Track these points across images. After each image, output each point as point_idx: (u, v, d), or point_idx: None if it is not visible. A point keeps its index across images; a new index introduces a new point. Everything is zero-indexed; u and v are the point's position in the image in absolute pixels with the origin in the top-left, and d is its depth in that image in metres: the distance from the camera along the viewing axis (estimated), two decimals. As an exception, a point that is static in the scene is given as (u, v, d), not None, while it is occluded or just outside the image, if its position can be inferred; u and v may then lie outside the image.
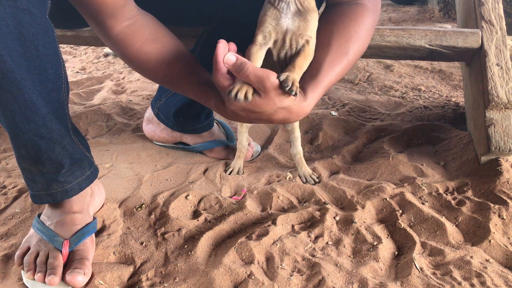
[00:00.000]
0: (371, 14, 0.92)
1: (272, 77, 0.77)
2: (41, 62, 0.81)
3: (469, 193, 1.10)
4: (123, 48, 0.90)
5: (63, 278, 0.87)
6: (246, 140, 1.25)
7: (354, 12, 0.91)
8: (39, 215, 0.98)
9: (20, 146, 0.87)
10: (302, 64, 0.83)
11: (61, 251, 0.90)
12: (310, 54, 0.84)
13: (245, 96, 0.78)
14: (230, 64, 0.77)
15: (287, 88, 0.77)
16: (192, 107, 1.29)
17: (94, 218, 1.01)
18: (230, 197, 1.15)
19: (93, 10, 0.85)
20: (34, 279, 0.87)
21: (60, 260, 0.89)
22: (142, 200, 1.13)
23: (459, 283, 0.84)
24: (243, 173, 1.26)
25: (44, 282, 0.86)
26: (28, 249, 0.93)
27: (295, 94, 0.78)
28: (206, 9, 1.17)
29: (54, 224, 0.95)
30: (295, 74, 0.81)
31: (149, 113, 1.43)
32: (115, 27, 0.88)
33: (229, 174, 1.25)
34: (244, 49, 1.14)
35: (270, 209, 1.09)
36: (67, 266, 0.89)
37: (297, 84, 0.79)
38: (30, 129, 0.83)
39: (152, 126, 1.42)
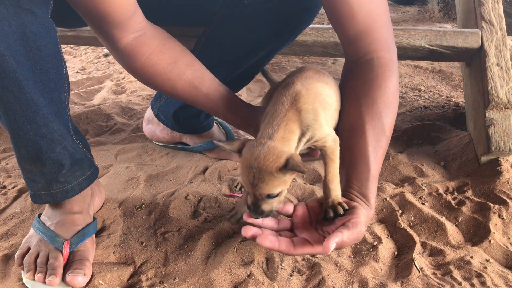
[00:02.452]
0: (393, 71, 0.88)
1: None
2: (43, 62, 0.81)
3: (469, 193, 1.10)
4: (130, 60, 0.89)
5: (63, 279, 0.87)
6: None
7: (376, 75, 0.86)
8: (39, 215, 0.98)
9: (21, 145, 0.87)
10: (335, 171, 0.80)
11: (61, 252, 0.90)
12: (333, 153, 0.80)
13: None
14: None
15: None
16: (192, 107, 1.29)
17: (94, 219, 1.01)
18: (230, 194, 1.15)
19: (100, 21, 0.84)
20: (34, 280, 0.87)
21: (61, 261, 0.89)
22: (142, 200, 1.13)
23: (459, 283, 0.84)
24: None
25: (44, 282, 0.86)
26: (28, 249, 0.93)
27: (344, 213, 0.78)
28: (206, 9, 1.18)
29: (55, 224, 0.94)
30: (335, 193, 0.79)
31: (149, 113, 1.43)
32: (122, 39, 0.87)
33: (239, 190, 1.17)
34: (242, 50, 1.14)
35: (270, 209, 1.09)
36: (67, 266, 0.89)
37: (340, 205, 0.78)
38: (31, 129, 0.83)
39: (152, 126, 1.42)
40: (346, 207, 0.78)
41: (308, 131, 0.76)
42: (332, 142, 0.79)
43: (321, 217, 0.81)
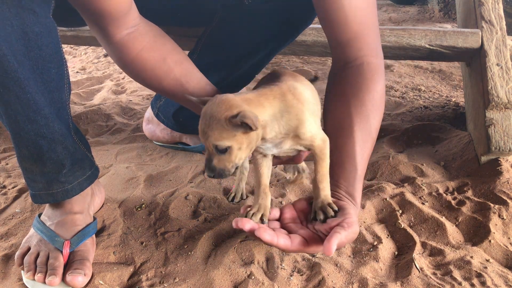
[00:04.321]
0: (381, 76, 0.91)
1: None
2: (44, 61, 0.81)
3: (469, 193, 1.10)
4: (121, 54, 0.90)
5: (63, 279, 0.87)
6: (248, 161, 1.12)
7: (365, 78, 0.89)
8: (39, 215, 0.98)
9: (22, 145, 0.87)
10: (325, 170, 0.81)
11: (61, 252, 0.90)
12: (322, 152, 0.80)
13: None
14: None
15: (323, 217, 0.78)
16: None
17: (95, 219, 1.01)
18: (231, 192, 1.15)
19: (96, 16, 0.84)
20: (34, 280, 0.87)
21: (61, 261, 0.89)
22: (142, 200, 1.13)
23: (459, 283, 0.84)
24: (246, 197, 1.13)
25: (44, 282, 0.86)
26: (29, 249, 0.93)
27: (335, 215, 0.78)
28: (207, 9, 1.17)
29: (55, 224, 0.95)
30: (325, 193, 0.80)
31: (149, 113, 1.43)
32: (116, 35, 0.87)
33: (231, 200, 1.11)
34: (243, 50, 1.14)
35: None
36: (67, 266, 0.89)
37: (330, 206, 0.79)
38: (32, 129, 0.84)
39: (152, 126, 1.42)
40: (336, 208, 0.79)
41: (282, 118, 0.75)
42: (320, 141, 0.79)
43: (311, 217, 0.81)
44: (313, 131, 0.78)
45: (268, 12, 1.07)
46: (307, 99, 0.80)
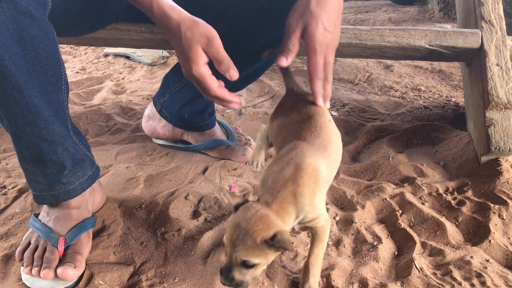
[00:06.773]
0: None
1: None
2: (40, 64, 0.81)
3: (469, 193, 1.10)
4: None
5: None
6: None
7: None
8: (35, 215, 0.99)
9: (23, 148, 0.87)
10: (320, 253, 0.79)
11: (57, 247, 0.91)
12: (324, 233, 0.78)
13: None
14: None
15: None
16: (197, 103, 1.29)
17: (93, 215, 1.01)
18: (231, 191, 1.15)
19: None
20: (32, 274, 0.88)
21: (56, 255, 0.90)
22: (142, 200, 1.13)
23: (459, 283, 0.84)
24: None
25: (39, 276, 0.87)
26: (29, 244, 0.94)
27: None
28: (219, 7, 1.17)
29: (52, 220, 0.95)
30: (314, 280, 0.80)
31: (149, 110, 1.42)
32: None
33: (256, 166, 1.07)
34: (253, 48, 1.13)
35: (270, 209, 1.09)
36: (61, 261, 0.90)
37: None
38: (32, 131, 0.84)
39: (152, 123, 1.42)
40: None
41: (302, 213, 0.73)
42: (323, 222, 0.77)
43: None
44: (318, 212, 0.75)
45: (282, 10, 1.07)
46: (322, 176, 0.75)
